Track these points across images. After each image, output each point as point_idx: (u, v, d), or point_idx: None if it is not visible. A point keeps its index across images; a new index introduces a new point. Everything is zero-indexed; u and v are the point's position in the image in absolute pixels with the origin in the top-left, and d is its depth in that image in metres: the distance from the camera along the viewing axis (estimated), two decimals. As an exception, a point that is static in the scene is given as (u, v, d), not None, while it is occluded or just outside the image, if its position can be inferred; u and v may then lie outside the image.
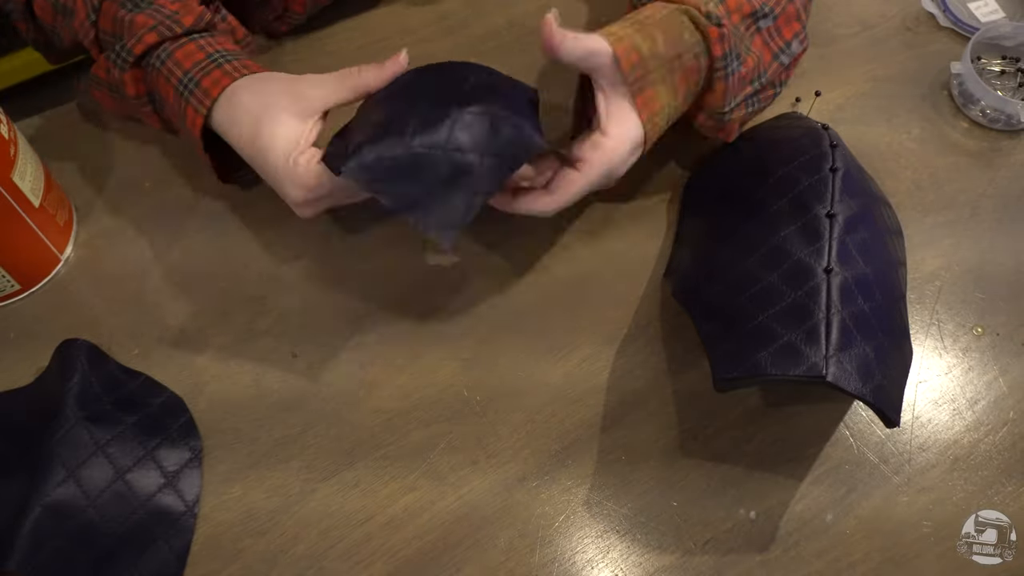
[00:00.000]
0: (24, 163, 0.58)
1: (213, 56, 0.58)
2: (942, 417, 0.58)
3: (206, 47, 0.59)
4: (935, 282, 0.64)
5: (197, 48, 0.58)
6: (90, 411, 0.53)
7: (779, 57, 0.63)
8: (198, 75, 0.57)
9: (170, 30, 0.59)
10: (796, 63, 0.66)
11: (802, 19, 0.64)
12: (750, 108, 0.63)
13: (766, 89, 0.63)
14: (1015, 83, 0.74)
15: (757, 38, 0.62)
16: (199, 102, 0.57)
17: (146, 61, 0.59)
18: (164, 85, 0.58)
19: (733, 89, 0.59)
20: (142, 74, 0.60)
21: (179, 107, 0.58)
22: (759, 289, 0.54)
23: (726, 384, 0.52)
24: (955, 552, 0.54)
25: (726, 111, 0.60)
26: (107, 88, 0.62)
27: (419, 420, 0.57)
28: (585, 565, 0.53)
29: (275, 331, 0.60)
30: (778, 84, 0.65)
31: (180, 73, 0.57)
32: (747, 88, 0.61)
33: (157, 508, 0.53)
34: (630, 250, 0.65)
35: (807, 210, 0.56)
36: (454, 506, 0.54)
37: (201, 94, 0.57)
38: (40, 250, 0.61)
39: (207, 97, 0.56)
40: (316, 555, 0.53)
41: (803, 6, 0.64)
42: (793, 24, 0.63)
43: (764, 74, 0.62)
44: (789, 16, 0.63)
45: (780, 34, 0.63)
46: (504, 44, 0.75)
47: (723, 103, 0.60)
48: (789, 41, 0.64)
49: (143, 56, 0.59)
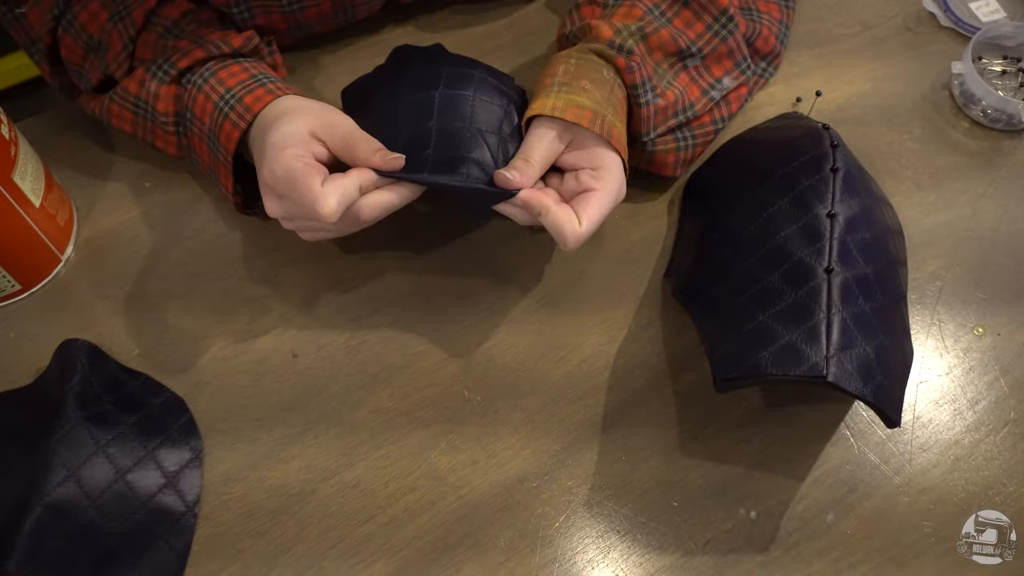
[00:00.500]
0: (24, 163, 0.58)
1: (257, 77, 0.58)
2: (943, 417, 0.58)
3: (251, 69, 0.59)
4: (936, 282, 0.64)
5: (242, 69, 0.59)
6: (90, 411, 0.53)
7: (708, 93, 0.65)
8: (241, 92, 0.57)
9: (218, 48, 0.59)
10: (739, 99, 0.68)
11: (736, 57, 0.66)
12: (682, 143, 0.64)
13: (702, 120, 0.65)
14: (1016, 83, 0.74)
15: (683, 75, 0.64)
16: (239, 116, 0.56)
17: (187, 78, 0.59)
18: (203, 102, 0.58)
19: (652, 118, 0.61)
20: (177, 91, 0.60)
21: (215, 123, 0.58)
22: (760, 289, 0.54)
23: (726, 384, 0.52)
24: (955, 552, 0.54)
25: (647, 139, 0.62)
26: (132, 104, 0.61)
27: (419, 420, 0.57)
28: (586, 565, 0.53)
29: (275, 331, 0.60)
30: (717, 120, 0.66)
31: (223, 90, 0.58)
32: (671, 120, 0.62)
33: (157, 508, 0.53)
34: (630, 250, 0.65)
35: (808, 210, 0.56)
36: (454, 506, 0.54)
37: (242, 109, 0.56)
38: (40, 250, 0.61)
39: (248, 112, 0.56)
40: (316, 555, 0.53)
41: (738, 45, 0.65)
42: (724, 62, 0.66)
43: (691, 107, 0.64)
44: (720, 55, 0.65)
45: (709, 71, 0.65)
46: (504, 44, 0.75)
47: (645, 129, 0.61)
48: (719, 78, 0.66)
49: (186, 71, 0.59)
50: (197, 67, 0.59)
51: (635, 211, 0.67)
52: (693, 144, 0.65)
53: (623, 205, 0.66)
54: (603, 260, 0.64)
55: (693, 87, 0.64)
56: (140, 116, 0.62)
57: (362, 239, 0.64)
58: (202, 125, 0.59)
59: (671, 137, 0.63)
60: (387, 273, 0.63)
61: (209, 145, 0.59)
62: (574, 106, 0.55)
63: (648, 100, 0.60)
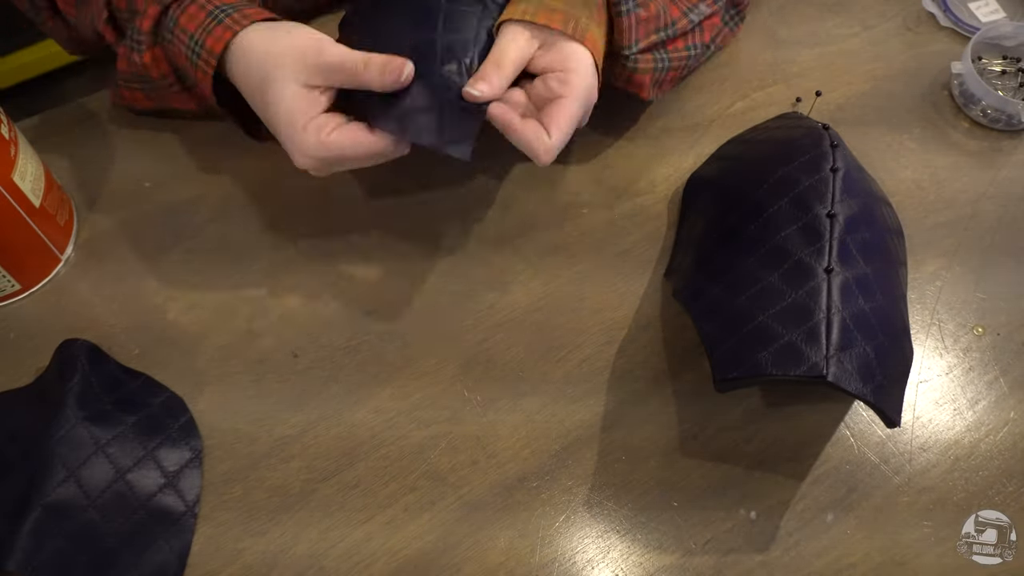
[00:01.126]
0: (24, 163, 0.58)
1: (213, 12, 0.57)
2: (943, 417, 0.58)
3: (206, 5, 0.57)
4: (936, 282, 0.64)
5: (198, 8, 0.57)
6: (90, 411, 0.53)
7: (688, 15, 0.64)
8: (201, 36, 0.56)
9: None
10: (712, 28, 0.67)
11: None
12: (659, 63, 0.63)
13: (676, 44, 0.64)
14: (1016, 83, 0.74)
15: None
16: (205, 63, 0.56)
17: (160, 36, 0.59)
18: (180, 56, 0.58)
19: (634, 29, 0.59)
20: (161, 52, 0.59)
21: (193, 75, 0.57)
22: (759, 289, 0.54)
23: (726, 384, 0.52)
24: (955, 552, 0.54)
25: (629, 53, 0.60)
26: (136, 81, 0.61)
27: (419, 420, 0.57)
28: (585, 565, 0.53)
29: (275, 331, 0.60)
30: (691, 46, 0.65)
31: (186, 39, 0.57)
32: (652, 36, 0.61)
33: (157, 508, 0.53)
34: (630, 250, 0.65)
35: (808, 210, 0.56)
36: (454, 506, 0.54)
37: (206, 54, 0.56)
38: (40, 250, 0.61)
39: (211, 56, 0.55)
40: (316, 555, 0.53)
41: None
42: None
43: (672, 25, 0.63)
44: None
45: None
46: (504, 44, 0.75)
47: (625, 42, 0.59)
48: (696, 4, 0.65)
49: (154, 32, 0.59)
50: (161, 20, 0.58)
51: (635, 211, 0.67)
52: (668, 67, 0.64)
53: (623, 205, 0.67)
54: (603, 260, 0.64)
55: (673, 7, 0.64)
56: (148, 88, 0.62)
57: (362, 239, 0.64)
58: (187, 73, 0.59)
59: (650, 56, 0.62)
60: (387, 273, 0.63)
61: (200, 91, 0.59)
62: (545, 9, 0.55)
63: (629, 10, 0.58)
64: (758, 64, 0.75)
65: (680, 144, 0.70)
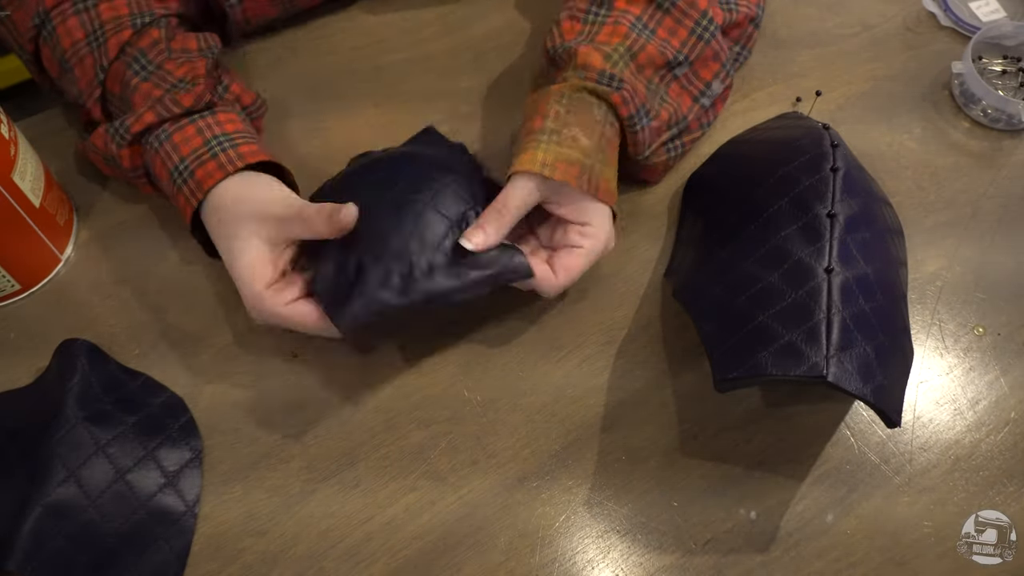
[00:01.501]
0: (24, 163, 0.58)
1: (210, 143, 0.57)
2: (943, 417, 0.58)
3: (204, 131, 0.57)
4: (936, 282, 0.64)
5: (196, 132, 0.57)
6: (90, 411, 0.53)
7: (699, 100, 0.65)
8: (193, 164, 0.56)
9: (168, 111, 0.58)
10: (722, 101, 0.68)
11: (721, 58, 0.65)
12: (671, 153, 0.65)
13: (688, 132, 0.66)
14: (1016, 83, 0.74)
15: (674, 85, 0.64)
16: (191, 193, 0.56)
17: (144, 139, 0.59)
18: (160, 167, 0.58)
19: (647, 139, 0.61)
20: (140, 150, 0.60)
21: (172, 191, 0.58)
22: (760, 289, 0.54)
23: (726, 384, 0.52)
24: (955, 552, 0.54)
25: (642, 158, 0.63)
26: (102, 157, 0.61)
27: (419, 420, 0.57)
28: (586, 565, 0.53)
29: (275, 331, 0.60)
30: (704, 124, 0.67)
31: (176, 159, 0.57)
32: (663, 135, 0.63)
33: (157, 508, 0.53)
34: (630, 250, 0.65)
35: (808, 210, 0.56)
36: (454, 506, 0.54)
37: (194, 185, 0.56)
38: (40, 250, 0.61)
39: (199, 190, 0.56)
40: (316, 555, 0.53)
41: (720, 46, 0.65)
42: (711, 65, 0.65)
43: (684, 120, 0.64)
44: (706, 58, 0.65)
45: (698, 77, 0.65)
46: (504, 44, 0.75)
47: (639, 151, 0.62)
48: (709, 82, 0.66)
49: (141, 134, 0.59)
50: (153, 129, 0.58)
51: (635, 211, 0.66)
52: (681, 152, 0.66)
53: (623, 205, 0.66)
54: (603, 260, 0.64)
55: (685, 96, 0.64)
56: (114, 167, 0.62)
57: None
58: (164, 184, 0.59)
59: (662, 149, 0.64)
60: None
61: (172, 202, 0.59)
62: (563, 161, 0.55)
63: (643, 126, 0.60)
64: (758, 64, 0.75)
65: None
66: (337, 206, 0.52)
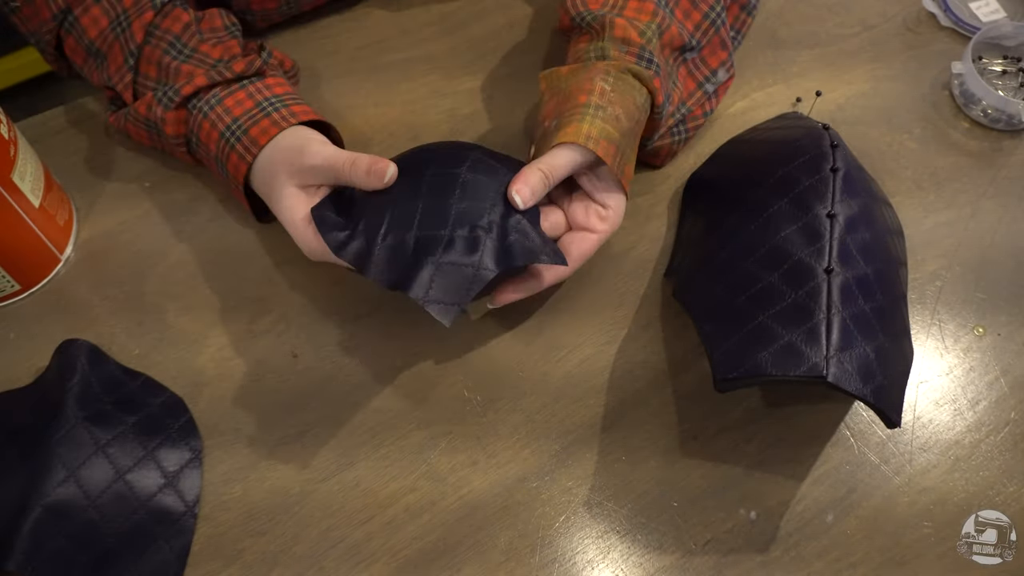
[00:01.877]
0: (24, 163, 0.58)
1: (262, 104, 0.59)
2: (943, 417, 0.58)
3: (255, 94, 0.59)
4: (936, 282, 0.64)
5: (247, 96, 0.59)
6: (90, 411, 0.53)
7: (703, 86, 0.66)
8: (247, 123, 0.58)
9: (221, 75, 0.59)
10: (724, 90, 0.68)
11: (728, 47, 0.66)
12: (676, 137, 0.66)
13: (693, 117, 0.66)
14: (1016, 83, 0.74)
15: (682, 68, 0.64)
16: (245, 149, 0.58)
17: (192, 104, 0.60)
18: (209, 129, 0.59)
19: (661, 124, 0.62)
20: (184, 115, 0.61)
21: (222, 152, 0.59)
22: (759, 289, 0.54)
23: (726, 384, 0.52)
24: (955, 552, 0.54)
25: (649, 141, 0.63)
26: (144, 124, 0.62)
27: (419, 420, 0.57)
28: (585, 566, 0.53)
29: (275, 331, 0.60)
30: (707, 112, 0.68)
31: (229, 119, 0.58)
32: (670, 120, 0.64)
33: (157, 508, 0.53)
34: (630, 250, 0.65)
35: (808, 210, 0.56)
36: (454, 506, 0.54)
37: (248, 142, 0.57)
38: (40, 250, 0.61)
39: (255, 145, 0.57)
40: (316, 555, 0.53)
41: (728, 36, 0.66)
42: (719, 53, 0.66)
43: (683, 104, 0.65)
44: (715, 46, 0.65)
45: (705, 63, 0.66)
46: (504, 44, 0.75)
47: (651, 136, 0.63)
48: (715, 70, 0.66)
49: (190, 98, 0.60)
50: (202, 93, 0.60)
51: (635, 211, 0.66)
52: (684, 137, 0.67)
53: (623, 205, 0.67)
54: (603, 260, 0.64)
55: (689, 81, 0.65)
56: (154, 135, 0.63)
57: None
58: (208, 151, 0.60)
59: (668, 133, 0.65)
60: (387, 273, 0.63)
61: (218, 169, 0.61)
62: (606, 139, 0.55)
63: (665, 111, 0.61)
64: (758, 64, 0.75)
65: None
66: (375, 159, 0.53)
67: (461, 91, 0.72)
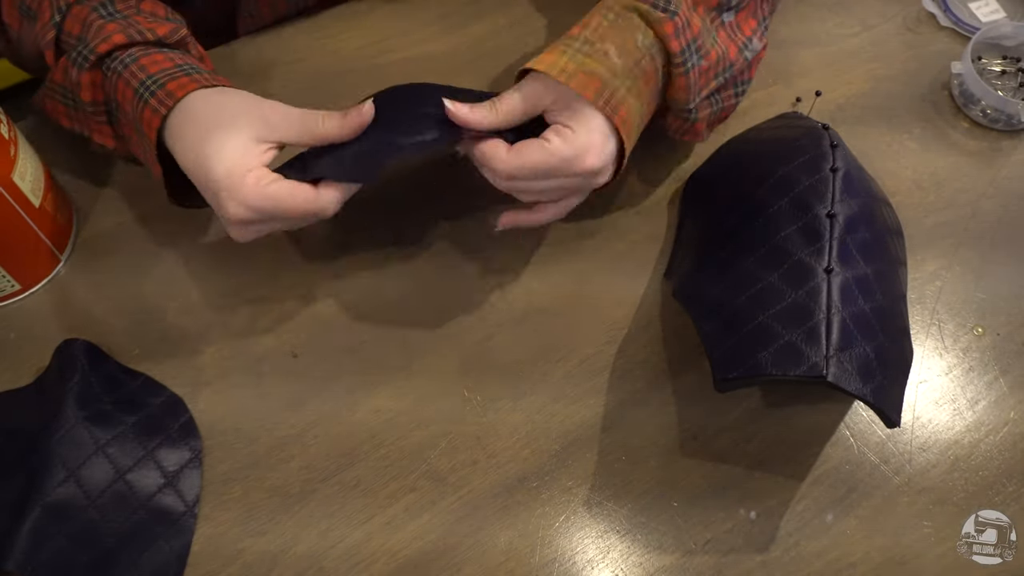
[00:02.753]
0: (24, 163, 0.58)
1: (183, 66, 0.56)
2: (943, 417, 0.58)
3: (175, 59, 0.56)
4: (936, 282, 0.64)
5: (166, 58, 0.56)
6: (90, 411, 0.53)
7: (743, 52, 0.61)
8: (164, 79, 0.54)
9: (141, 36, 0.56)
10: (758, 62, 0.64)
11: (759, 15, 0.63)
12: (715, 107, 0.62)
13: (728, 87, 0.62)
14: (1016, 83, 0.74)
15: (722, 32, 0.60)
16: (160, 102, 0.53)
17: (108, 64, 0.56)
18: (123, 88, 0.55)
19: (696, 84, 0.57)
20: (100, 78, 0.57)
21: (135, 110, 0.54)
22: (759, 289, 0.54)
23: (726, 384, 0.52)
24: (955, 552, 0.54)
25: (691, 107, 0.59)
26: (61, 95, 0.59)
27: (419, 420, 0.57)
28: (585, 565, 0.53)
29: (275, 331, 0.60)
30: (744, 81, 0.63)
31: (143, 76, 0.54)
32: (712, 83, 0.59)
33: (157, 508, 0.53)
34: (630, 250, 0.65)
35: (807, 210, 0.56)
36: (454, 506, 0.54)
37: (164, 95, 0.53)
38: (40, 250, 0.61)
39: (170, 98, 0.53)
40: (316, 555, 0.53)
41: (759, 4, 0.62)
42: (751, 20, 0.62)
43: (730, 68, 0.60)
44: (748, 11, 0.62)
45: (740, 30, 0.62)
46: (504, 44, 0.75)
47: (687, 98, 0.58)
48: (749, 37, 0.62)
49: (106, 56, 0.56)
50: (118, 52, 0.56)
51: (635, 211, 0.66)
52: (721, 107, 0.62)
53: (623, 205, 0.66)
54: (603, 260, 0.64)
55: (732, 45, 0.60)
56: (71, 108, 0.59)
57: (362, 240, 0.64)
58: (125, 114, 0.56)
59: (708, 101, 0.61)
60: (387, 273, 0.63)
61: (136, 133, 0.56)
62: (585, 72, 0.52)
63: (692, 65, 0.56)
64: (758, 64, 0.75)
65: (680, 144, 0.69)
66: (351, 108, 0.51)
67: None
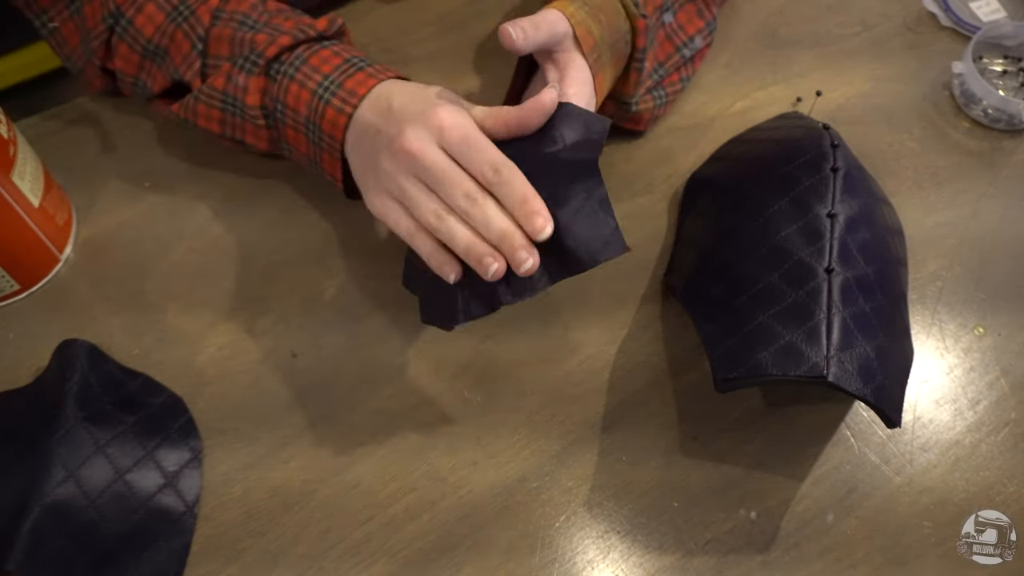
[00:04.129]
0: (24, 163, 0.58)
1: (352, 61, 0.56)
2: (943, 417, 0.58)
3: (342, 52, 0.57)
4: (936, 282, 0.64)
5: (332, 54, 0.57)
6: (90, 411, 0.53)
7: (680, 51, 0.66)
8: (340, 78, 0.55)
9: (304, 33, 0.58)
10: (701, 58, 0.69)
11: (706, 17, 0.67)
12: (658, 100, 0.66)
13: (672, 78, 0.66)
14: (1016, 83, 0.74)
15: (660, 31, 0.64)
16: (343, 101, 0.54)
17: (276, 68, 0.57)
18: (297, 91, 0.56)
19: (643, 82, 0.62)
20: (265, 83, 0.58)
21: (314, 112, 0.56)
22: (760, 289, 0.54)
23: (727, 384, 0.52)
24: (955, 552, 0.54)
25: (633, 101, 0.62)
26: (220, 101, 0.59)
27: (419, 420, 0.57)
28: (586, 566, 0.53)
29: (275, 331, 0.60)
30: (684, 78, 0.68)
31: (319, 77, 0.56)
32: (648, 82, 0.63)
33: (157, 508, 0.53)
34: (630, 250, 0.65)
35: (808, 210, 0.56)
36: (454, 506, 0.54)
37: (345, 94, 0.55)
38: (40, 250, 0.61)
39: (353, 96, 0.54)
40: (316, 555, 0.53)
41: (704, 7, 0.67)
42: (696, 21, 0.67)
43: (661, 67, 0.65)
44: (690, 13, 0.66)
45: (683, 30, 0.66)
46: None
47: (632, 93, 0.62)
48: (692, 36, 0.67)
49: (273, 61, 0.57)
50: (285, 55, 0.57)
51: (635, 211, 0.66)
52: (664, 101, 0.67)
53: (623, 205, 0.66)
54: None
55: (667, 44, 0.65)
56: (228, 113, 0.60)
57: (361, 240, 0.64)
58: (296, 115, 0.57)
59: (649, 96, 0.65)
60: (386, 273, 0.63)
61: (308, 135, 0.57)
62: (585, 27, 0.54)
63: (644, 64, 0.60)
64: (758, 64, 0.75)
65: (680, 144, 0.70)
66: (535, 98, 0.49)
67: (461, 91, 0.71)
